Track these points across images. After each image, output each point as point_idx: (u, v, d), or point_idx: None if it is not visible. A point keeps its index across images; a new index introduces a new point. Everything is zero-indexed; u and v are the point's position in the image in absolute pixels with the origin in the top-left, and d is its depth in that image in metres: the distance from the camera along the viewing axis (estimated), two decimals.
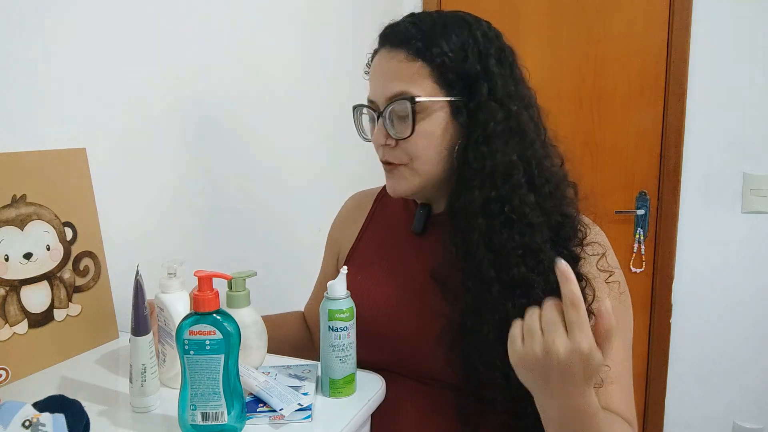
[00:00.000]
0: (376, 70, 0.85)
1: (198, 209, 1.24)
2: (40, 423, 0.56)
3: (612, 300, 0.77)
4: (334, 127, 1.73)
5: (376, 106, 0.83)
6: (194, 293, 0.64)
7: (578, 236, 0.80)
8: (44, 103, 0.91)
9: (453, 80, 0.79)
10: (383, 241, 0.96)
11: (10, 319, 0.81)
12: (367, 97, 0.86)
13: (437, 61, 0.78)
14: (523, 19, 2.08)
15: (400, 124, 0.81)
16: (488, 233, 0.76)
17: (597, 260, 0.80)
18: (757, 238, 1.89)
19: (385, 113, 0.81)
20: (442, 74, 0.79)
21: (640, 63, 1.97)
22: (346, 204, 1.09)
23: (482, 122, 0.78)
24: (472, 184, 0.78)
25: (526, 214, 0.76)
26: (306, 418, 0.70)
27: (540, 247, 0.76)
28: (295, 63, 1.54)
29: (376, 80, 0.84)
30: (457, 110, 0.80)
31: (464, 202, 0.78)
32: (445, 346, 0.78)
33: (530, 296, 0.74)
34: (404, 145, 0.82)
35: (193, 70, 1.20)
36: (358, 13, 1.83)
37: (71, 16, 0.94)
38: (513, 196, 0.77)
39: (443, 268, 0.82)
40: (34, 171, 0.86)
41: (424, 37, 0.79)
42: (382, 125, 0.82)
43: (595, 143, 2.04)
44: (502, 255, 0.75)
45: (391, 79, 0.80)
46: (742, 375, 1.96)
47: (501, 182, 0.77)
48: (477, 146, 0.78)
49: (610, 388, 0.76)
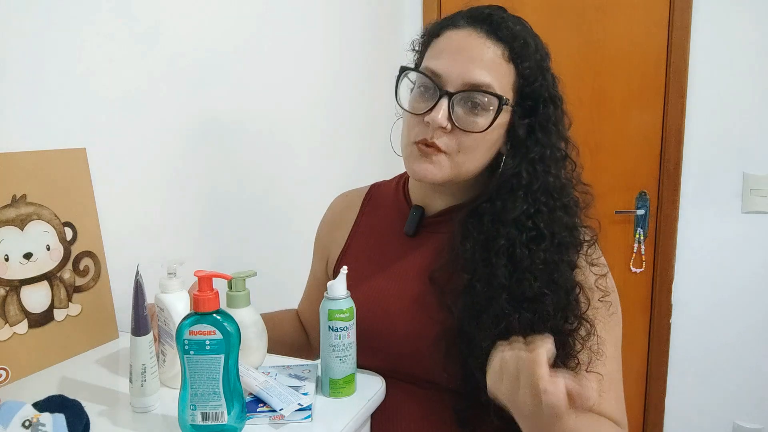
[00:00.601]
0: (460, 48, 0.78)
1: (198, 209, 1.24)
2: (40, 423, 0.57)
3: (602, 314, 0.79)
4: (334, 126, 1.74)
5: (443, 83, 0.78)
6: (194, 293, 0.64)
7: (590, 252, 0.82)
8: (44, 103, 0.91)
9: (528, 95, 0.80)
10: (375, 243, 0.94)
11: (10, 319, 0.81)
12: (430, 68, 0.79)
13: (525, 72, 0.79)
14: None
15: (469, 115, 0.78)
16: (514, 244, 0.77)
17: (597, 278, 0.81)
18: (757, 238, 1.89)
19: (457, 97, 0.77)
20: (523, 86, 0.80)
21: (640, 63, 1.97)
22: (333, 205, 1.06)
23: (543, 143, 0.80)
24: (517, 195, 0.79)
25: (556, 234, 0.78)
26: (306, 418, 0.70)
27: (558, 266, 0.77)
28: (294, 63, 1.54)
29: (458, 59, 0.77)
30: (518, 124, 0.80)
31: (500, 208, 0.79)
32: (442, 350, 0.78)
33: (537, 311, 0.75)
34: (461, 136, 0.78)
35: (192, 70, 1.20)
36: (358, 13, 1.83)
37: (71, 16, 0.94)
38: (551, 216, 0.79)
39: (442, 271, 0.82)
40: (34, 171, 0.86)
41: (524, 44, 0.79)
42: (447, 107, 0.77)
43: (595, 143, 2.04)
44: (521, 267, 0.77)
45: (481, 67, 0.77)
46: (742, 375, 1.96)
47: (545, 200, 0.79)
48: (533, 163, 0.80)
49: (602, 397, 0.78)
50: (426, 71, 0.80)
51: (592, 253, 0.83)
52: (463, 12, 0.82)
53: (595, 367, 0.77)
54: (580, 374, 0.74)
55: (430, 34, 0.84)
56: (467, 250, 0.79)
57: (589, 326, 0.77)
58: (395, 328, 0.84)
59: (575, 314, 0.77)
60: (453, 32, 0.80)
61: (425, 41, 0.86)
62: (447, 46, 0.80)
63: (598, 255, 0.84)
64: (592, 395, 0.58)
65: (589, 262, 0.81)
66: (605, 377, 0.78)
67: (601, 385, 0.77)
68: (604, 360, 0.78)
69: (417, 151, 0.80)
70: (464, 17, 0.81)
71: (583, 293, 0.78)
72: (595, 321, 0.78)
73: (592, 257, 0.82)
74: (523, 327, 0.74)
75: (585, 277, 0.80)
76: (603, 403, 0.78)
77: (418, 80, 0.83)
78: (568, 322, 0.76)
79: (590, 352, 0.77)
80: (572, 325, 0.76)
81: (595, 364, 0.77)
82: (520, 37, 0.79)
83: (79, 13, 0.95)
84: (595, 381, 0.76)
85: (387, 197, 0.98)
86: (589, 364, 0.77)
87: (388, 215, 0.95)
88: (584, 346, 0.77)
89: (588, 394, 0.58)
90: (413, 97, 0.83)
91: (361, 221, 0.98)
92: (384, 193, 0.99)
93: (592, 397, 0.58)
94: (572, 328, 0.76)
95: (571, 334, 0.76)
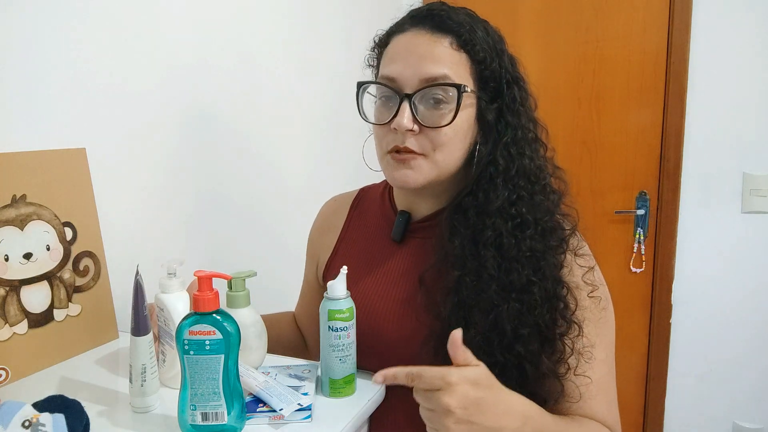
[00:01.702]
0: (409, 50, 0.78)
1: (198, 209, 1.24)
2: (40, 423, 0.56)
3: (592, 314, 0.79)
4: (333, 126, 1.74)
5: (401, 87, 0.77)
6: (194, 293, 0.64)
7: (574, 243, 0.81)
8: (44, 103, 0.91)
9: (488, 78, 0.80)
10: (362, 248, 0.93)
11: (10, 319, 0.81)
12: (385, 76, 0.79)
13: (479, 56, 0.78)
14: (520, 18, 2.08)
15: (433, 111, 0.77)
16: (500, 234, 0.77)
17: (584, 273, 0.80)
18: (757, 238, 1.89)
19: (417, 96, 0.77)
20: (481, 71, 0.79)
21: (640, 63, 1.97)
22: (322, 210, 1.06)
23: (513, 125, 0.80)
24: (497, 183, 0.78)
25: (540, 220, 0.78)
26: (306, 418, 0.70)
27: (544, 254, 0.77)
28: (294, 63, 1.54)
29: (410, 60, 0.77)
30: (485, 109, 0.80)
31: (483, 199, 0.79)
32: (430, 352, 0.77)
33: (524, 301, 0.75)
34: (431, 134, 0.77)
35: (192, 70, 1.20)
36: (355, 11, 1.83)
37: (70, 16, 0.94)
38: (532, 201, 0.78)
39: (432, 271, 0.81)
40: (34, 171, 0.86)
41: (470, 30, 0.78)
42: (409, 109, 0.76)
43: (595, 143, 2.04)
44: (508, 256, 0.76)
45: (433, 62, 0.76)
46: (742, 375, 1.96)
47: (524, 185, 0.79)
48: (506, 147, 0.79)
49: (594, 401, 0.78)
50: (381, 80, 0.80)
51: (576, 243, 0.82)
52: (405, 15, 0.83)
53: (583, 370, 0.77)
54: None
55: (380, 45, 0.85)
56: (456, 246, 0.78)
57: (577, 328, 0.77)
58: (383, 332, 0.84)
59: (563, 316, 0.76)
60: (400, 37, 0.81)
61: (378, 53, 0.86)
62: (397, 51, 0.80)
63: (582, 244, 0.83)
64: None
65: (573, 251, 0.80)
66: (595, 382, 0.78)
67: (589, 390, 0.77)
68: (593, 364, 0.78)
69: (392, 160, 0.80)
70: (407, 20, 0.82)
71: (571, 294, 0.77)
72: (584, 322, 0.78)
73: (576, 248, 0.81)
74: (511, 318, 0.74)
75: (571, 272, 0.79)
76: (593, 407, 0.77)
77: (378, 91, 0.83)
78: (556, 324, 0.76)
79: (578, 355, 0.77)
80: (561, 328, 0.76)
81: (584, 366, 0.77)
82: (465, 24, 0.78)
83: (79, 13, 0.95)
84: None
85: (374, 202, 0.97)
86: (576, 367, 0.77)
87: (376, 220, 0.95)
88: (573, 349, 0.77)
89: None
90: (377, 108, 0.83)
91: (349, 226, 0.98)
92: (372, 197, 0.99)
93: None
94: (561, 331, 0.76)
95: (561, 338, 0.76)
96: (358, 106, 0.84)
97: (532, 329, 0.75)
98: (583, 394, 0.77)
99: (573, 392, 0.77)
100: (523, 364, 0.74)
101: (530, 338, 0.74)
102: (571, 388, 0.77)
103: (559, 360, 0.76)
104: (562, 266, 0.79)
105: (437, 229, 0.83)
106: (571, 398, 0.77)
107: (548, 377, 0.76)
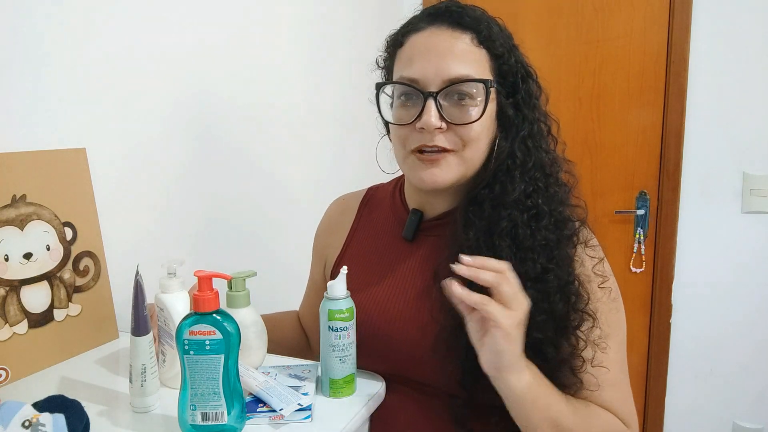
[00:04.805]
0: (429, 48, 0.78)
1: (198, 209, 1.24)
2: (40, 423, 0.56)
3: (604, 305, 0.79)
4: (334, 127, 1.74)
5: (423, 86, 0.77)
6: (194, 293, 0.64)
7: (584, 235, 0.82)
8: (44, 103, 0.91)
9: (506, 73, 0.80)
10: (372, 248, 0.93)
11: (10, 319, 0.81)
12: (406, 77, 0.79)
13: (498, 51, 0.79)
14: (521, 18, 2.08)
15: (459, 108, 0.77)
16: (516, 225, 0.77)
17: (594, 264, 0.81)
18: (757, 238, 1.89)
19: (442, 94, 0.76)
20: (500, 66, 0.80)
21: (640, 63, 1.97)
22: (330, 209, 1.05)
23: (530, 119, 0.81)
24: (514, 176, 0.79)
25: (554, 210, 0.79)
26: (306, 418, 0.70)
27: (558, 243, 0.77)
28: (297, 64, 1.54)
29: (431, 58, 0.77)
30: (505, 104, 0.81)
31: (499, 191, 0.79)
32: (441, 352, 0.77)
33: (539, 290, 0.75)
34: (460, 131, 0.78)
35: (193, 70, 1.20)
36: (360, 12, 1.83)
37: (70, 16, 0.94)
38: (547, 192, 0.79)
39: (447, 264, 0.81)
40: (34, 171, 0.86)
41: (488, 26, 0.79)
42: (435, 107, 0.76)
43: (595, 143, 2.03)
44: (524, 247, 0.76)
45: (454, 59, 0.76)
46: (742, 375, 1.96)
47: (539, 177, 0.80)
48: (524, 141, 0.80)
49: (609, 391, 0.77)
50: (402, 80, 0.79)
51: (587, 234, 0.82)
52: (420, 14, 0.83)
53: (599, 360, 0.77)
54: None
55: (394, 45, 0.84)
56: (470, 238, 0.78)
57: (591, 320, 0.77)
58: (394, 333, 0.84)
59: (576, 309, 0.76)
60: (416, 36, 0.80)
61: (390, 53, 0.86)
62: (415, 51, 0.79)
63: (591, 237, 0.84)
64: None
65: (584, 243, 0.81)
66: (609, 373, 0.77)
67: (607, 378, 0.77)
68: (608, 353, 0.78)
69: (418, 160, 0.80)
70: (423, 18, 0.81)
71: (583, 287, 0.77)
72: (597, 312, 0.78)
73: (586, 239, 0.82)
74: None
75: (582, 264, 0.80)
76: (607, 399, 0.77)
77: (396, 92, 0.82)
78: (569, 317, 0.76)
79: (593, 346, 0.77)
80: (574, 321, 0.76)
81: (600, 357, 0.77)
82: (483, 20, 0.79)
83: (79, 13, 0.95)
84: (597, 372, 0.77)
85: (384, 201, 0.97)
86: (593, 359, 0.77)
87: (386, 219, 0.94)
88: (587, 341, 0.77)
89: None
90: (396, 109, 0.82)
91: (358, 225, 0.97)
92: (381, 196, 0.99)
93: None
94: (575, 324, 0.76)
95: (575, 331, 0.76)
96: (378, 108, 0.83)
97: (547, 316, 0.74)
98: (601, 384, 0.77)
99: (590, 382, 0.77)
100: (542, 348, 0.74)
101: (546, 325, 0.74)
102: (587, 379, 0.77)
103: (573, 354, 0.76)
104: (573, 259, 0.79)
105: (451, 225, 0.83)
106: (589, 387, 0.77)
107: (565, 367, 0.76)
